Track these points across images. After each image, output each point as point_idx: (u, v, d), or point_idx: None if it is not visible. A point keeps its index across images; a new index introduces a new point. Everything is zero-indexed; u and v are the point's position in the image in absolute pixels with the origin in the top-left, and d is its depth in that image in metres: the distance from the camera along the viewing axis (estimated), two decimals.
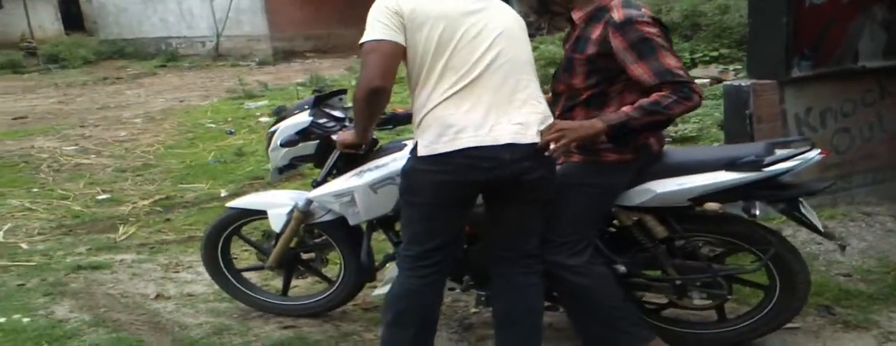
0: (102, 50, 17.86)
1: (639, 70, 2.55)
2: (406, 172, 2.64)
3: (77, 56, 17.02)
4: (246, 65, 15.41)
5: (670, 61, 2.54)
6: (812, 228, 2.84)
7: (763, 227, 2.92)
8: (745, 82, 4.43)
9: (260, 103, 9.83)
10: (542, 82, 2.83)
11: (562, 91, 2.76)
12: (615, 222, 2.96)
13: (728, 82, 4.83)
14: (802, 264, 2.92)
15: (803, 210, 2.79)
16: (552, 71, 2.94)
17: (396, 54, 2.50)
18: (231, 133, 8.17)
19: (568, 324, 3.36)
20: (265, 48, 16.27)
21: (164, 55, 16.97)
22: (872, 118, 4.76)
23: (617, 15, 2.58)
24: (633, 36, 2.54)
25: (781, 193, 2.76)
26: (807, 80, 4.48)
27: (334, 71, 13.29)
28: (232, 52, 16.64)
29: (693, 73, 8.51)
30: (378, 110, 2.64)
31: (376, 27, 2.48)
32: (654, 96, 2.52)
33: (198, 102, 10.68)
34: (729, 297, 3.01)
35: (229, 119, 9.02)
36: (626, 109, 2.54)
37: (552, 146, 2.51)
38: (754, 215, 2.81)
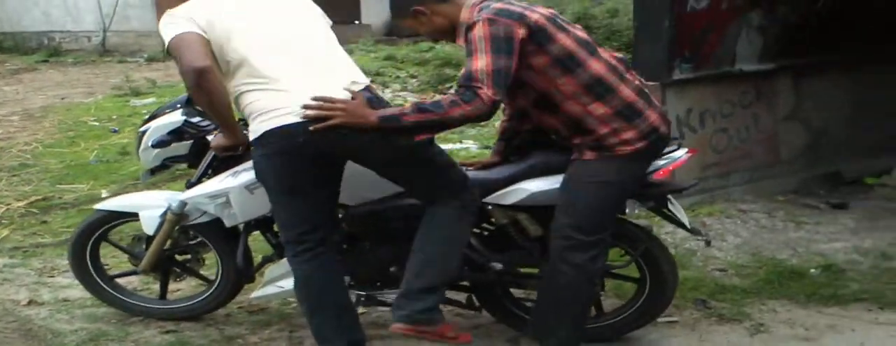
0: None
1: None
2: (253, 160, 2.70)
3: None
4: (134, 61, 14.82)
5: (477, 63, 2.42)
6: (679, 224, 2.96)
7: (633, 224, 3.02)
8: None
9: (147, 101, 9.46)
10: (439, 81, 2.85)
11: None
12: (492, 220, 2.99)
13: None
14: (670, 259, 3.05)
15: (671, 207, 2.90)
16: (447, 71, 2.97)
17: (203, 42, 2.60)
18: (115, 131, 7.84)
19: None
20: (155, 44, 15.64)
21: (46, 50, 16.08)
22: (749, 120, 4.99)
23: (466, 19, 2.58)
24: (468, 40, 2.50)
25: (650, 190, 2.85)
26: (687, 82, 4.66)
27: None
28: (120, 47, 15.96)
29: None
30: (218, 96, 2.63)
31: (174, 25, 2.61)
32: (443, 96, 2.52)
33: (81, 100, 10.20)
34: (602, 292, 3.12)
35: (114, 117, 8.65)
36: (406, 104, 2.53)
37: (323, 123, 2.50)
38: (624, 213, 2.89)
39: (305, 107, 2.51)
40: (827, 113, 5.34)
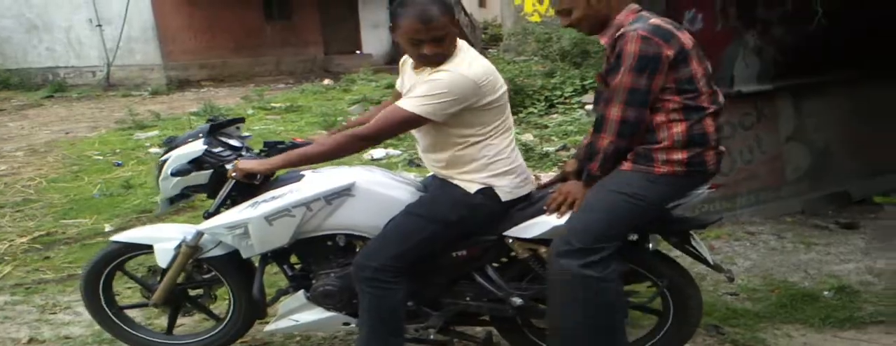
0: None
1: None
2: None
3: None
4: (138, 94, 14.91)
5: (617, 79, 2.57)
6: (702, 260, 2.89)
7: (660, 255, 2.95)
8: None
9: (150, 134, 9.50)
10: None
11: None
12: (512, 253, 2.92)
13: None
14: (696, 290, 2.97)
15: (694, 243, 2.84)
16: None
17: None
18: (119, 165, 7.85)
19: None
20: (158, 77, 15.79)
21: (51, 86, 16.19)
22: (751, 141, 4.96)
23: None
24: (616, 51, 2.60)
25: (673, 226, 2.81)
26: None
27: (229, 100, 13.01)
28: (124, 81, 16.07)
29: (583, 99, 8.70)
30: None
31: None
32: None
33: (85, 134, 10.23)
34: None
35: (117, 151, 8.67)
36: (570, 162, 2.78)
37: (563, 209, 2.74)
38: (647, 248, 2.83)
39: None
40: (830, 132, 5.32)
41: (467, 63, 2.68)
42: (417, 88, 2.67)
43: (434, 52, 2.66)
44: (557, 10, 2.77)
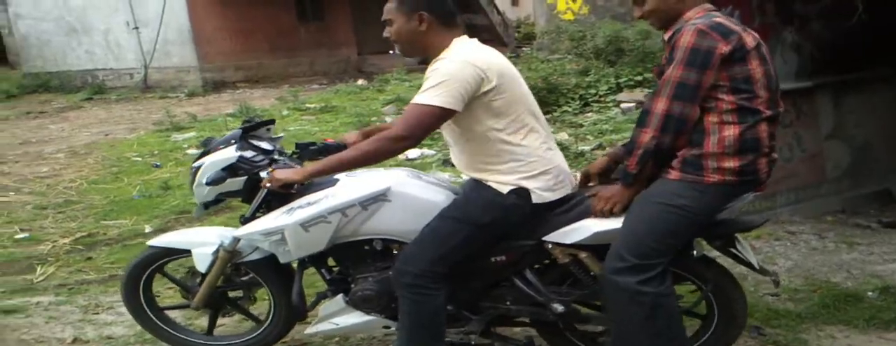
0: (26, 83, 17.23)
1: None
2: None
3: None
4: (175, 96, 15.11)
5: (671, 73, 2.51)
6: (747, 264, 2.82)
7: (704, 259, 2.89)
8: None
9: (188, 135, 9.62)
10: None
11: None
12: (552, 256, 2.88)
13: None
14: (741, 292, 2.91)
15: (739, 247, 2.78)
16: None
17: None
18: (157, 166, 7.96)
19: None
20: (195, 79, 15.99)
21: (90, 88, 16.49)
22: (791, 139, 4.89)
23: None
24: (672, 43, 2.58)
25: (717, 230, 2.74)
26: None
27: (265, 101, 13.12)
28: (161, 83, 16.30)
29: (618, 97, 8.64)
30: None
31: None
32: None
33: (124, 136, 10.40)
34: None
35: (156, 152, 8.80)
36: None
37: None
38: (692, 255, 2.78)
39: None
40: (871, 129, 5.23)
41: (464, 50, 2.71)
42: (424, 84, 2.68)
43: (387, 36, 2.84)
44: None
